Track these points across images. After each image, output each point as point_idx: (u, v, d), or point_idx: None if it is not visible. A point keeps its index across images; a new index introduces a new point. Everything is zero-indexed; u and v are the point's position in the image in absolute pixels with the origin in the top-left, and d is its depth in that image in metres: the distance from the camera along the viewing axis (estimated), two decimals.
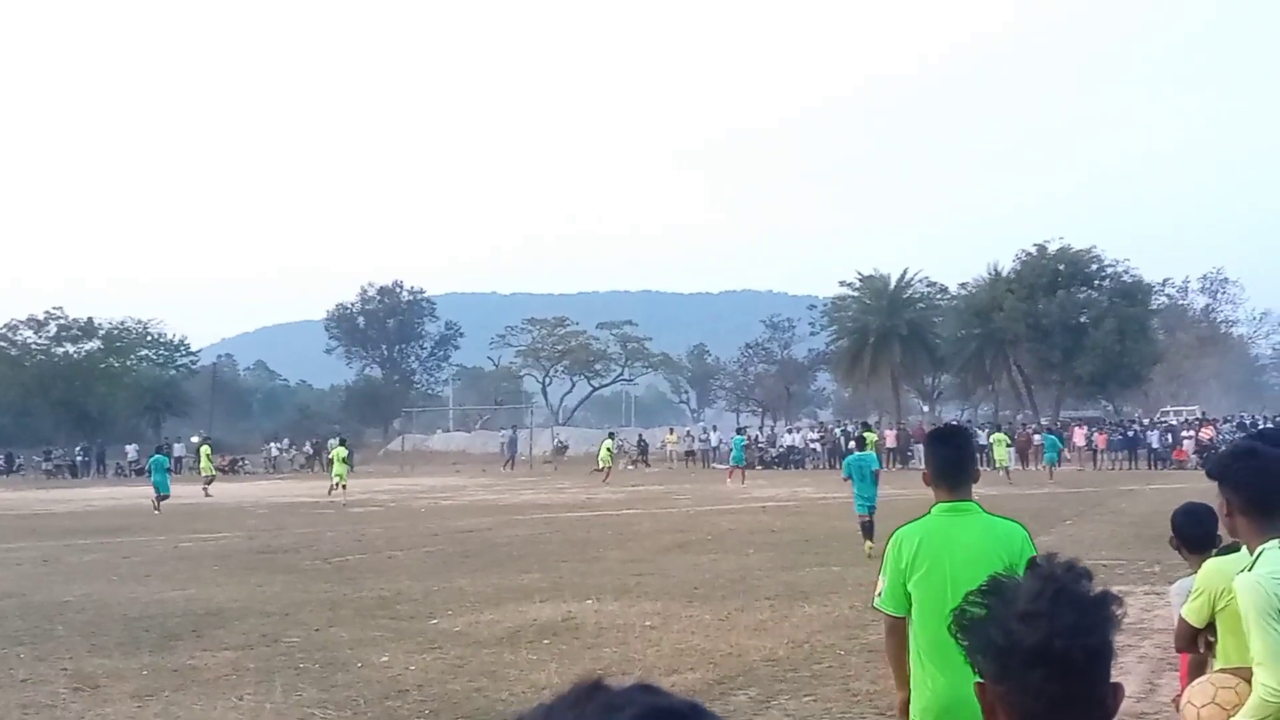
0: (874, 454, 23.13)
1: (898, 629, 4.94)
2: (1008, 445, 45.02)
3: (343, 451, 41.39)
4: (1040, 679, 1.84)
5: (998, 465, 42.59)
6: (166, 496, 33.58)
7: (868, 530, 19.45)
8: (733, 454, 46.80)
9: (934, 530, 4.84)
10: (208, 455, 45.31)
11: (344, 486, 38.83)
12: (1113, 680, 1.94)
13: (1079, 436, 54.62)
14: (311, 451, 70.07)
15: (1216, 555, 4.87)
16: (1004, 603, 1.90)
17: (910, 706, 4.76)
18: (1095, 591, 1.91)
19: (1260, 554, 4.05)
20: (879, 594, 4.95)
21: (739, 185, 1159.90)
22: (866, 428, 29.45)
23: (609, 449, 49.41)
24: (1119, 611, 1.91)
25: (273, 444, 71.88)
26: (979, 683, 1.94)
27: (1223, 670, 3.96)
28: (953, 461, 5.03)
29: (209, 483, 42.60)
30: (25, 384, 78.92)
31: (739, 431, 55.63)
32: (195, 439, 58.60)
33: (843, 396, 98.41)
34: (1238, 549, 4.36)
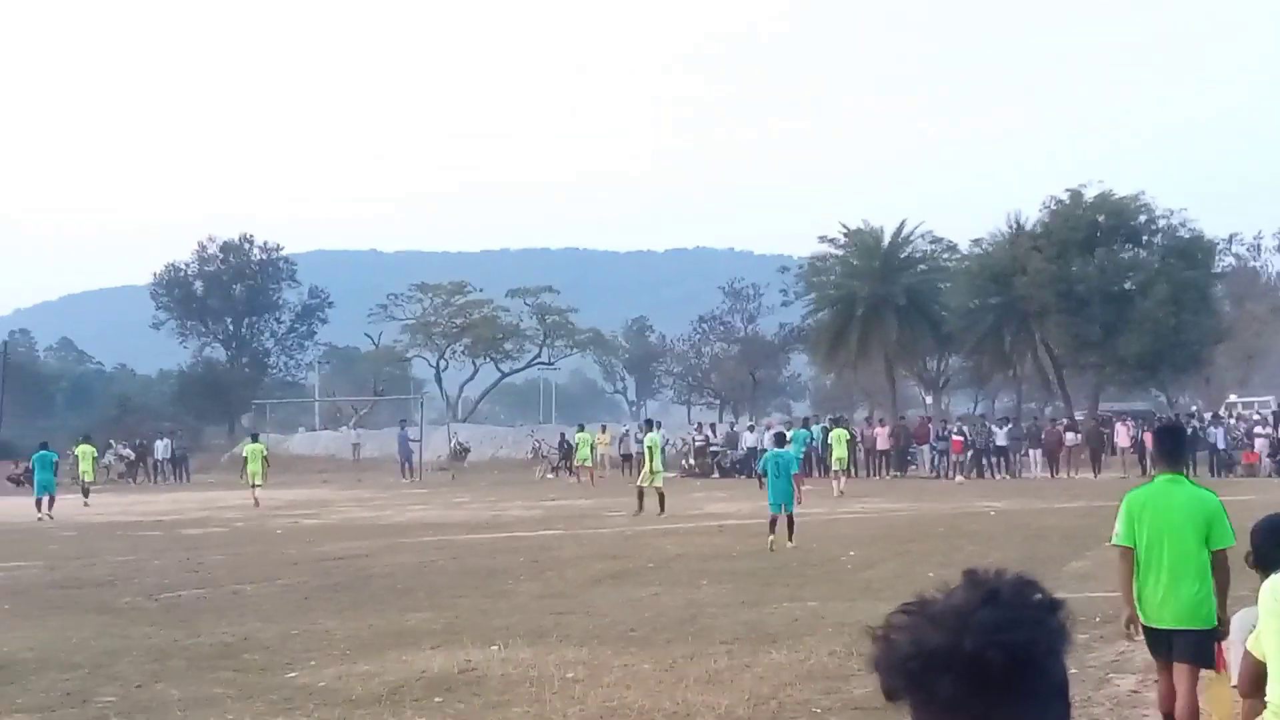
0: (792, 453, 29.18)
1: (1128, 556, 9.34)
2: (847, 440, 47.17)
3: (260, 448, 45.24)
4: (950, 689, 1.83)
5: (835, 465, 45.37)
6: (54, 498, 40.16)
7: (774, 526, 24.89)
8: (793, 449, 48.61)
9: (1157, 492, 9.33)
10: (91, 456, 49.36)
11: (257, 486, 42.85)
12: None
13: (1123, 435, 55.19)
14: (133, 456, 69.46)
15: None
16: (922, 610, 1.92)
17: (1135, 609, 9.31)
18: (1036, 597, 1.92)
19: None
20: (1116, 534, 9.41)
21: (690, 113, 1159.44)
22: (780, 435, 32.02)
23: (589, 443, 52.56)
24: (1062, 619, 1.91)
25: (77, 448, 71.04)
26: None
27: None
28: (1174, 446, 10.04)
29: (87, 491, 46.53)
30: None
31: (805, 424, 55.75)
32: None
33: (823, 385, 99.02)
34: None
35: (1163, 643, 9.22)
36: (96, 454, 52.57)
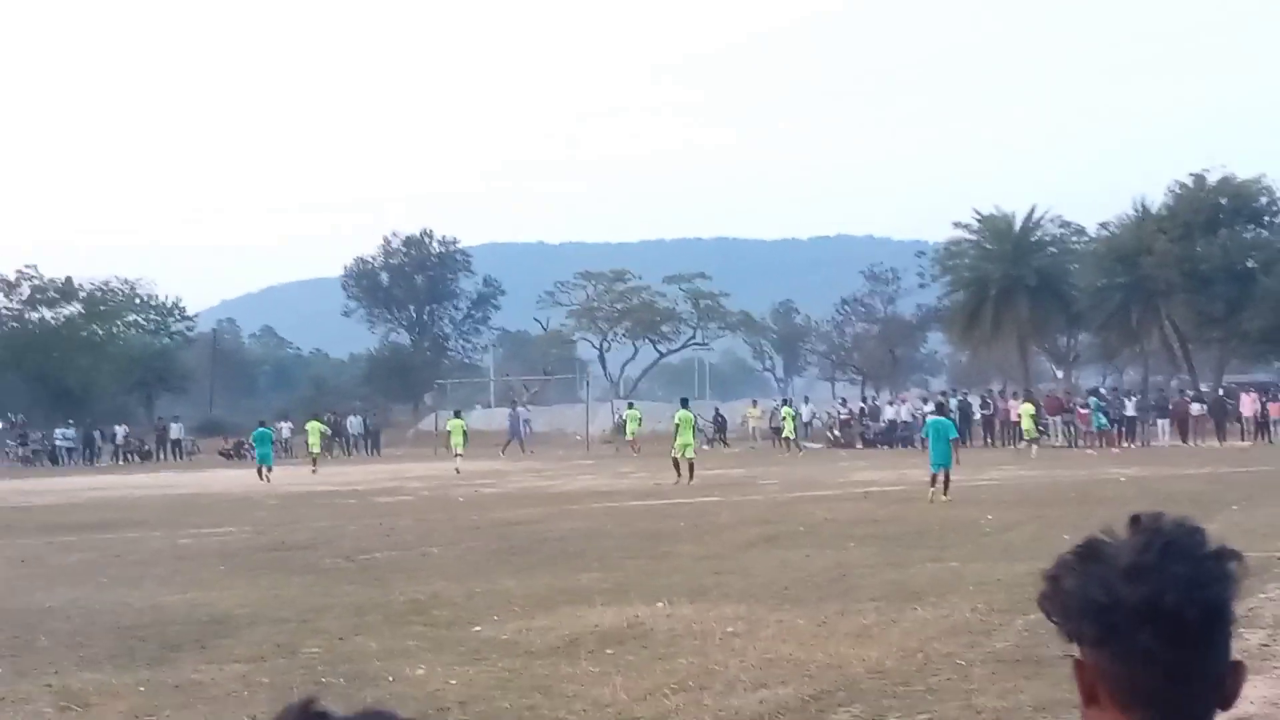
0: (951, 421, 30.70)
1: None
2: (1033, 415, 49.61)
3: (460, 423, 48.20)
4: (1148, 640, 1.83)
5: (1025, 437, 48.33)
6: (271, 468, 43.81)
7: (934, 482, 26.89)
8: (1093, 419, 52.68)
9: None
10: (319, 431, 52.49)
11: (459, 455, 45.70)
12: (1234, 659, 1.92)
13: (1247, 404, 53.93)
14: (330, 432, 70.67)
15: None
16: (1105, 561, 1.90)
17: None
18: (1210, 546, 1.90)
19: None
20: None
21: (829, 108, 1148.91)
22: (941, 405, 34.25)
23: (637, 419, 56.22)
24: (1239, 569, 1.91)
25: (283, 424, 71.98)
26: (1076, 660, 1.93)
27: None
28: None
29: (316, 461, 50.00)
30: None
31: (1093, 393, 56.35)
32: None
33: (959, 361, 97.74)
34: None
35: None
36: (324, 429, 54.92)
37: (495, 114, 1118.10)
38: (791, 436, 56.01)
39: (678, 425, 36.65)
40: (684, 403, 40.66)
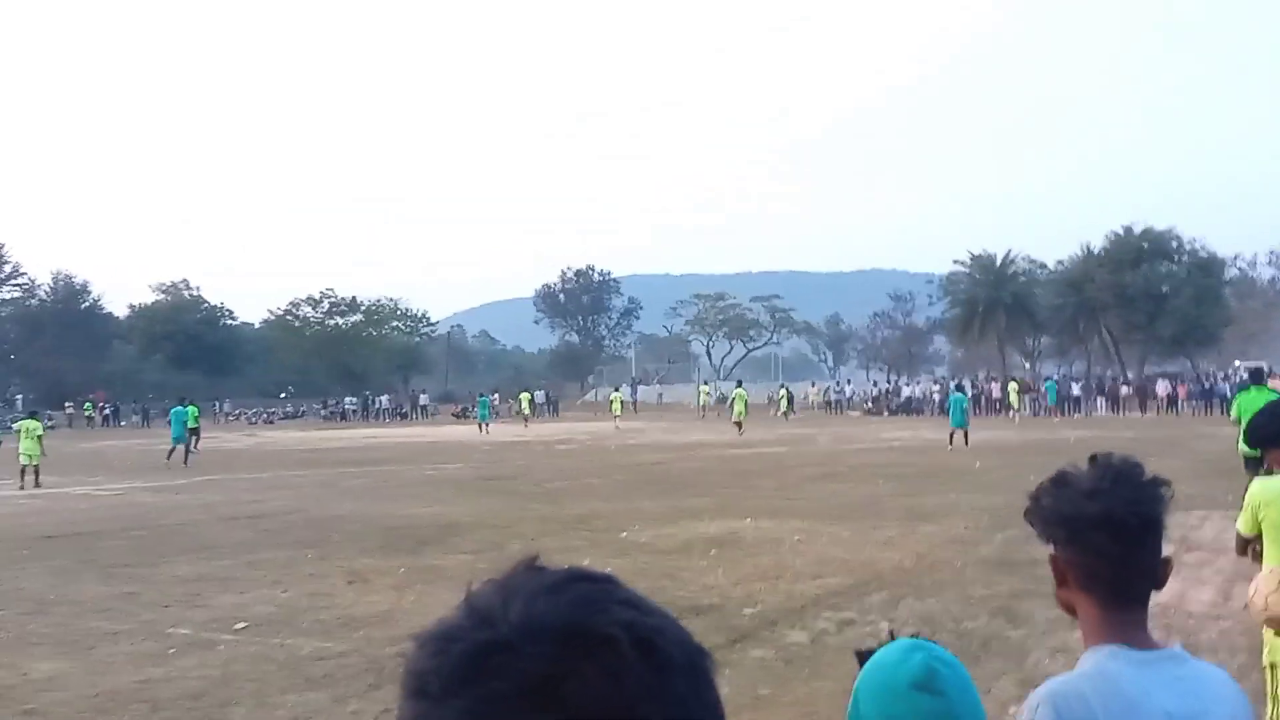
0: (964, 395, 30.39)
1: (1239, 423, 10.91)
2: (1018, 392, 48.51)
3: (619, 395, 49.15)
4: (1101, 540, 1.83)
5: (1014, 408, 46.89)
6: (488, 425, 44.28)
7: (952, 439, 27.67)
8: (1049, 396, 50.38)
9: (1250, 393, 11.06)
10: (528, 401, 52.18)
11: (618, 417, 46.50)
12: (1165, 555, 1.88)
13: (1161, 388, 52.30)
14: (532, 400, 71.06)
15: (1263, 476, 4.78)
16: (1071, 486, 1.89)
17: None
18: (1147, 475, 1.89)
19: None
20: (1232, 413, 11.33)
21: (868, 179, 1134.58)
22: (959, 386, 33.59)
23: (706, 393, 57.79)
24: (1167, 492, 1.87)
25: (494, 395, 72.58)
26: (1051, 555, 1.91)
27: None
28: (1257, 375, 12.19)
29: (527, 420, 49.99)
30: (305, 349, 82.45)
31: (1048, 379, 55.34)
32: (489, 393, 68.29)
33: (956, 356, 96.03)
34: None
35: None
36: (530, 398, 54.23)
37: (642, 180, 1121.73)
38: (784, 409, 54.06)
39: (732, 400, 37.19)
40: (738, 384, 40.87)
